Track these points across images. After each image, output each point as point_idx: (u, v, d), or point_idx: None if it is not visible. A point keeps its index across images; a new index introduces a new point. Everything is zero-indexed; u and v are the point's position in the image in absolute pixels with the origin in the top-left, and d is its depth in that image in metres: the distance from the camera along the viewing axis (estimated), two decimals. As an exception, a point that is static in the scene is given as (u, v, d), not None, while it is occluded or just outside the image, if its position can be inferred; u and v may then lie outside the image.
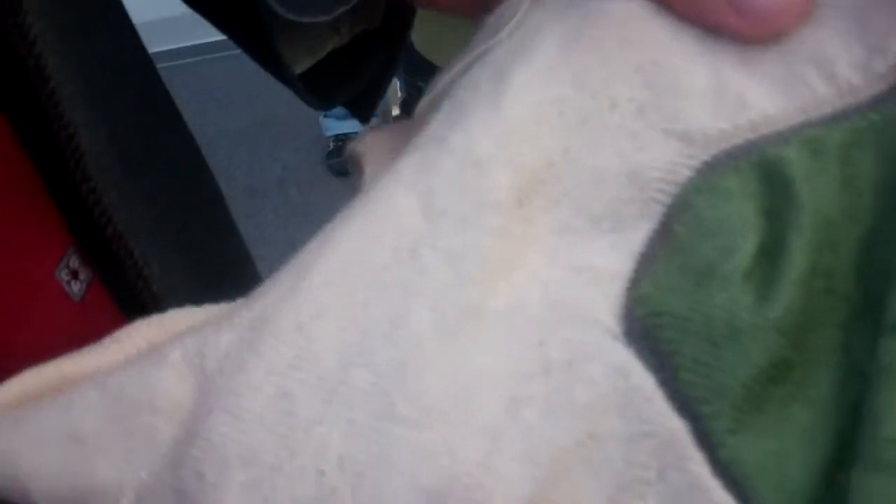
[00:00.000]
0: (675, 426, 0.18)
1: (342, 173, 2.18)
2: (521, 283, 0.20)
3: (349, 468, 0.18)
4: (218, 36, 0.45)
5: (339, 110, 2.17)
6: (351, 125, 2.19)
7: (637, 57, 0.20)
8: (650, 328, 0.19)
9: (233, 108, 2.48)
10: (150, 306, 0.38)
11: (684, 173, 0.20)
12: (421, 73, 2.01)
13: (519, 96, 0.20)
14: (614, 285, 0.19)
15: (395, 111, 2.24)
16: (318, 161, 2.26)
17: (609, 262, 0.20)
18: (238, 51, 0.43)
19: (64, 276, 0.36)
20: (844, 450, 0.18)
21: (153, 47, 0.48)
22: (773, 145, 0.19)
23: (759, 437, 0.18)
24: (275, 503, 0.18)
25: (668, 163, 0.20)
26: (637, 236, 0.20)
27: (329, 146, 2.20)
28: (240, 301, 0.21)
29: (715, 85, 0.20)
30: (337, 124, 2.19)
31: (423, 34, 1.85)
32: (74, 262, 0.36)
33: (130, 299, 0.38)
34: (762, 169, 0.19)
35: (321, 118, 2.22)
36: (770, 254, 0.19)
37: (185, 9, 0.44)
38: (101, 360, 0.21)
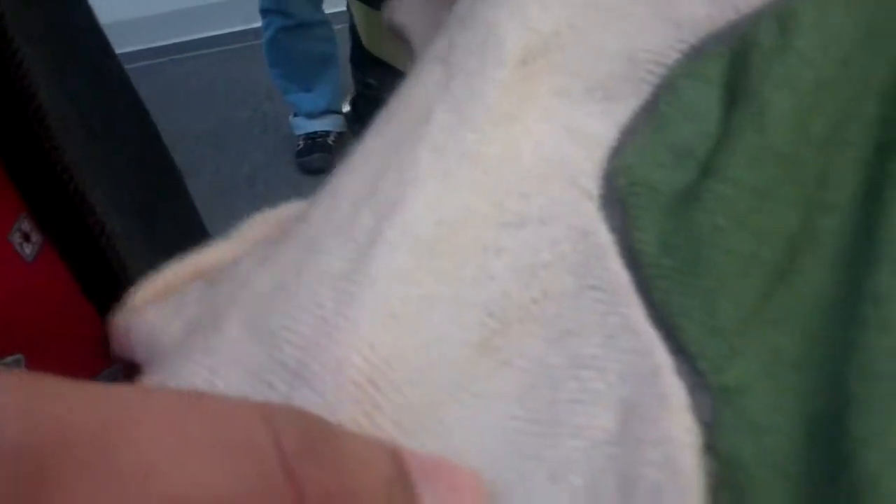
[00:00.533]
0: (621, 279, 0.20)
1: (312, 171, 2.19)
2: (516, 135, 0.21)
3: (341, 286, 0.20)
4: (184, 37, 0.48)
5: (308, 109, 2.19)
6: (320, 124, 2.20)
7: None
8: (626, 196, 0.20)
9: (201, 107, 2.49)
10: (113, 263, 0.40)
11: (673, 56, 0.22)
12: (370, 71, 2.03)
13: None
14: (599, 149, 0.21)
15: (346, 108, 2.24)
16: (289, 160, 2.28)
17: (598, 127, 0.22)
18: (205, 51, 0.46)
19: (17, 238, 0.38)
20: (773, 281, 0.19)
21: (119, 49, 0.51)
22: (750, 25, 0.21)
23: (690, 280, 0.19)
24: (297, 298, 0.20)
25: (659, 45, 0.22)
26: (625, 109, 0.22)
27: (299, 145, 2.21)
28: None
29: None
30: (306, 123, 2.20)
31: (370, 32, 1.86)
32: (26, 227, 0.38)
33: (86, 260, 0.40)
34: (735, 56, 0.21)
35: (291, 117, 2.23)
36: (721, 145, 0.21)
37: (150, 10, 0.47)
38: (226, 252, 0.24)
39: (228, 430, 0.14)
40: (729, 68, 0.21)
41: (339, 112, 2.21)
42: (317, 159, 2.15)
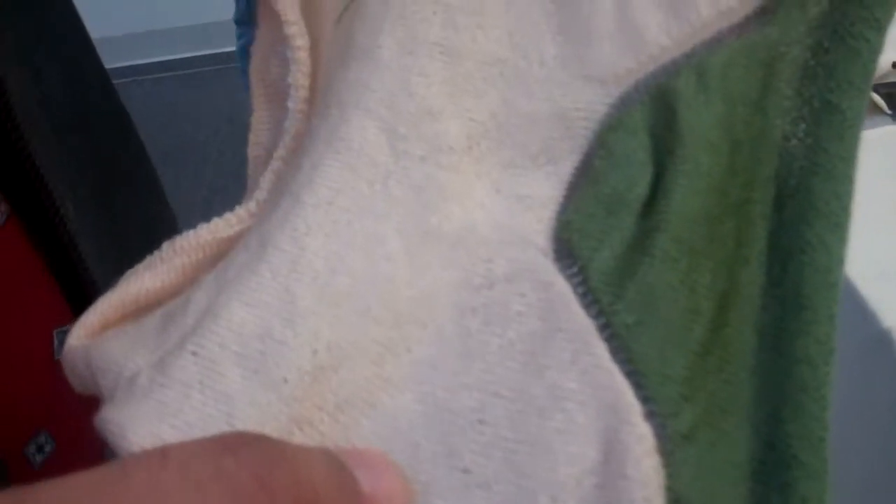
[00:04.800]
0: (585, 323, 0.22)
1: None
2: (471, 209, 0.24)
3: (335, 352, 0.23)
4: (145, 59, 0.52)
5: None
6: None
7: (561, 18, 0.25)
8: (573, 248, 0.23)
9: (159, 128, 2.50)
10: (65, 242, 0.45)
11: (601, 110, 0.24)
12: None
13: (468, 53, 0.25)
14: (547, 210, 0.24)
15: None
16: (244, 183, 2.28)
17: (544, 190, 0.24)
18: (166, 74, 0.50)
19: None
20: (710, 334, 0.23)
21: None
22: (668, 76, 0.24)
23: (645, 331, 0.22)
24: (279, 368, 0.22)
25: (587, 103, 0.24)
26: (567, 167, 0.25)
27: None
28: (252, 224, 0.26)
29: (619, 21, 0.24)
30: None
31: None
32: None
33: (46, 234, 0.45)
34: (657, 102, 0.24)
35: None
36: (658, 186, 0.23)
37: (110, 32, 0.51)
38: (156, 280, 0.26)
39: (199, 469, 0.17)
40: (651, 115, 0.24)
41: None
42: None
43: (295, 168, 0.25)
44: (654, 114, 0.24)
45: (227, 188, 2.35)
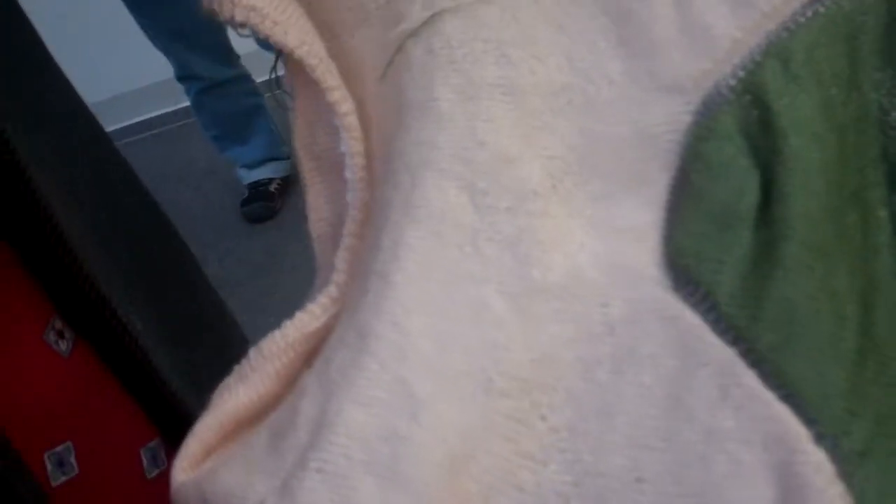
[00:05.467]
0: (726, 353, 0.21)
1: (255, 220, 2.20)
2: (573, 253, 0.23)
3: (467, 437, 0.21)
4: (115, 125, 0.51)
5: (246, 161, 2.20)
6: (260, 172, 2.21)
7: (619, 31, 0.23)
8: (692, 274, 0.22)
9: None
10: (139, 358, 0.43)
11: (686, 120, 0.23)
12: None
13: (530, 88, 0.23)
14: (651, 238, 0.23)
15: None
16: (240, 235, 2.27)
17: (643, 217, 0.23)
18: (136, 136, 0.49)
19: (52, 337, 0.41)
20: (861, 339, 0.21)
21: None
22: (750, 69, 0.22)
23: (795, 349, 0.21)
24: (413, 468, 0.21)
25: (669, 115, 0.23)
26: (661, 188, 0.23)
27: (244, 194, 2.23)
28: (342, 311, 0.24)
29: (682, 24, 0.22)
30: (248, 173, 2.21)
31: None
32: (59, 325, 0.42)
33: (116, 353, 0.43)
34: (745, 100, 0.22)
35: (237, 169, 2.24)
36: (770, 190, 0.21)
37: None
38: (251, 393, 0.25)
39: None
40: (742, 115, 0.22)
41: (280, 158, 2.22)
42: (258, 208, 2.17)
43: (372, 244, 0.23)
44: (744, 113, 0.22)
45: (221, 242, 2.33)
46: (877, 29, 0.22)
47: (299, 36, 0.23)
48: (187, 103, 2.23)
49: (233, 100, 2.11)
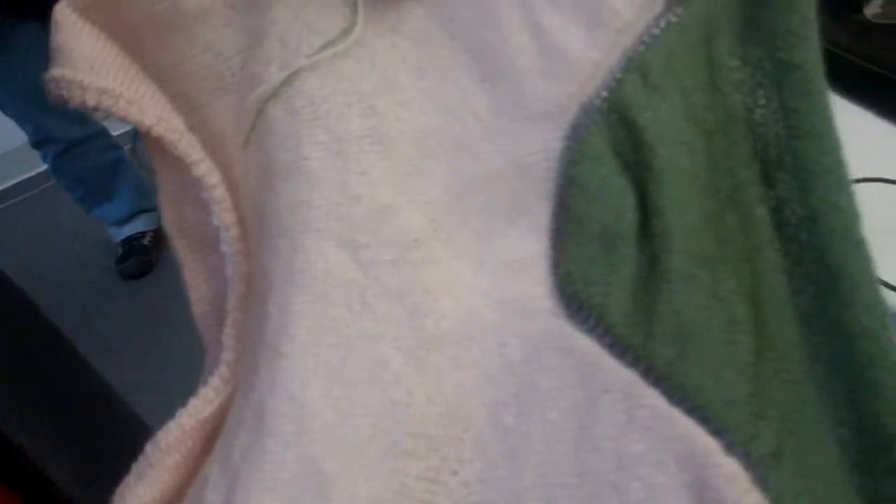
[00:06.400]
0: (626, 376, 0.21)
1: (132, 276, 2.14)
2: (463, 296, 0.22)
3: None
4: None
5: (115, 219, 2.13)
6: (132, 227, 2.14)
7: (481, 67, 0.23)
8: (582, 300, 0.22)
9: (11, 263, 2.36)
10: (30, 471, 0.41)
11: (557, 146, 0.23)
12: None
13: (398, 135, 0.23)
14: (539, 268, 0.22)
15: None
16: (117, 292, 2.19)
17: (528, 247, 0.23)
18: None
19: None
20: (755, 339, 0.21)
21: None
22: (612, 88, 0.22)
23: (693, 361, 0.21)
24: None
25: (540, 143, 0.23)
26: (542, 216, 0.23)
27: (118, 252, 2.16)
28: (236, 391, 0.23)
29: (540, 51, 0.23)
30: (119, 230, 2.14)
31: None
32: None
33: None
34: (612, 119, 0.22)
35: (106, 228, 2.17)
36: (647, 205, 0.21)
37: None
38: (153, 490, 0.23)
39: None
40: (610, 134, 0.22)
41: (149, 209, 2.16)
42: (133, 264, 2.10)
43: (259, 315, 0.23)
44: (613, 132, 0.22)
45: (99, 303, 2.25)
46: (731, 30, 0.23)
47: (156, 113, 0.23)
48: (45, 167, 2.15)
49: (93, 158, 2.04)
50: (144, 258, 2.12)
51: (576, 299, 0.22)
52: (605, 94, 0.22)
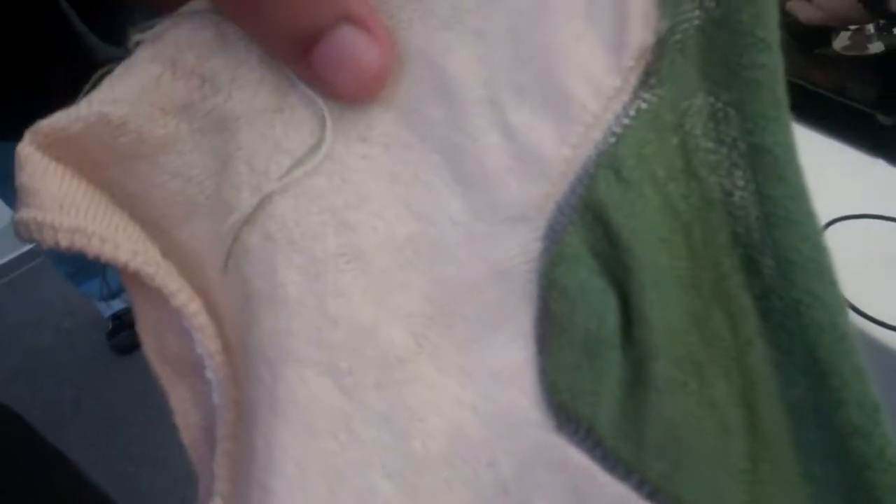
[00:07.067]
0: (620, 490, 0.20)
1: (124, 351, 2.13)
2: (451, 413, 0.22)
3: None
4: None
5: (104, 293, 2.12)
6: (120, 301, 2.14)
7: (453, 169, 0.23)
8: (570, 411, 0.21)
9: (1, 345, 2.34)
10: None
11: (536, 247, 0.22)
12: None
13: (375, 248, 0.23)
14: (527, 377, 0.22)
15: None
16: (108, 370, 2.17)
17: (514, 355, 0.22)
18: None
19: None
20: (752, 441, 0.20)
21: None
22: (586, 185, 0.22)
23: (690, 474, 0.20)
24: None
25: (518, 245, 0.22)
26: (526, 321, 0.22)
27: (108, 326, 2.14)
28: None
29: (512, 150, 0.22)
30: (107, 306, 2.13)
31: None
32: None
33: None
34: (588, 217, 0.22)
35: (97, 303, 2.15)
36: (629, 309, 0.21)
37: None
38: None
39: None
40: (588, 234, 0.22)
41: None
42: (125, 337, 2.10)
43: (247, 447, 0.22)
44: (590, 231, 0.22)
45: (91, 381, 2.22)
46: (703, 110, 0.22)
47: (130, 247, 0.22)
48: (31, 246, 2.14)
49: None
50: (135, 331, 2.11)
51: (564, 410, 0.21)
52: (580, 191, 0.22)
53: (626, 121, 0.22)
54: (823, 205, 0.21)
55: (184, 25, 0.23)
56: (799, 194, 0.21)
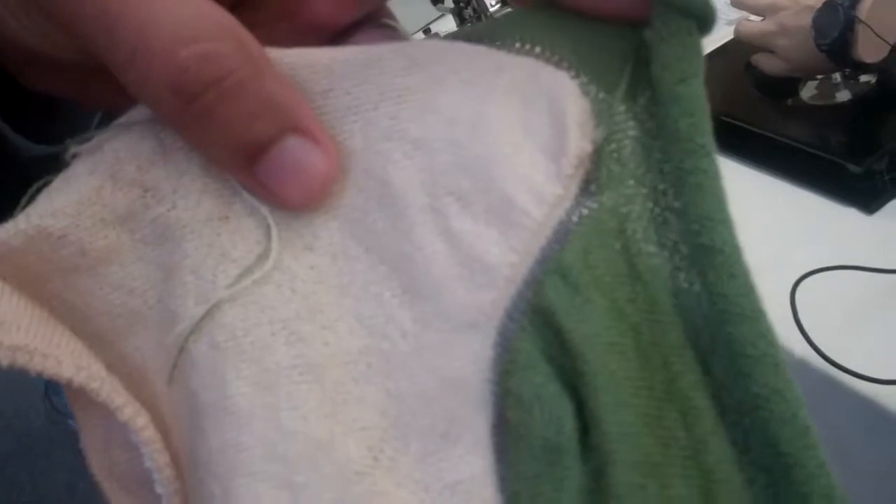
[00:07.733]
0: None
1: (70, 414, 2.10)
2: None
3: None
4: None
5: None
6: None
7: (400, 278, 0.23)
8: None
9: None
10: None
11: (488, 355, 0.22)
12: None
13: (327, 361, 0.22)
14: (487, 487, 0.21)
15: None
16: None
17: (472, 466, 0.22)
18: None
19: None
20: None
21: None
22: (534, 291, 0.22)
23: None
24: None
25: (470, 354, 0.22)
26: (483, 431, 0.22)
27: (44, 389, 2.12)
28: None
29: (458, 258, 0.22)
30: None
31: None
32: None
33: None
34: (538, 322, 0.22)
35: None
36: (584, 415, 0.21)
37: None
38: None
39: None
40: (539, 339, 0.22)
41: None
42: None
43: None
44: (541, 337, 0.22)
45: (53, 455, 2.18)
46: (643, 215, 0.22)
47: (74, 363, 0.22)
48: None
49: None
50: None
51: None
52: (529, 296, 0.22)
53: (570, 226, 0.22)
54: (798, 257, 0.21)
55: (122, 136, 0.23)
56: (750, 291, 0.21)
